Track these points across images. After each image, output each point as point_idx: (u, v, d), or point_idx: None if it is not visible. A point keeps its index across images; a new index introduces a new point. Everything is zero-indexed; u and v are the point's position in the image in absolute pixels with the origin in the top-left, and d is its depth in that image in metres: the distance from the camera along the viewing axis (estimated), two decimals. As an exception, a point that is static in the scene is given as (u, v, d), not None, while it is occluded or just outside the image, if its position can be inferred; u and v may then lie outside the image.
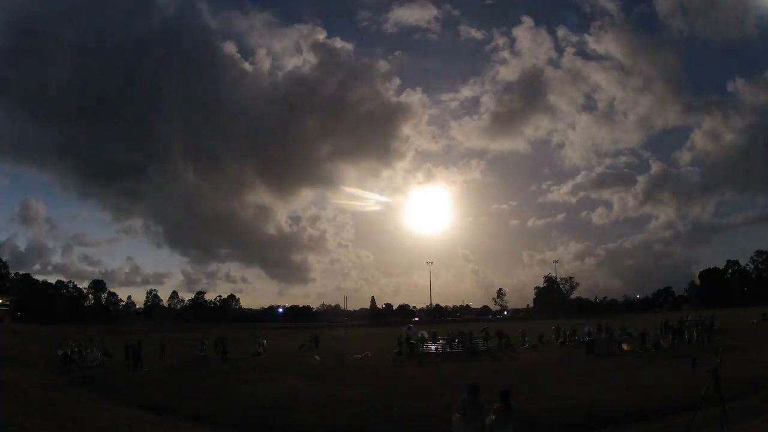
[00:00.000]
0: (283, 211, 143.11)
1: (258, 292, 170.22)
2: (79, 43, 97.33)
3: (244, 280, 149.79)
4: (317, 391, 16.10)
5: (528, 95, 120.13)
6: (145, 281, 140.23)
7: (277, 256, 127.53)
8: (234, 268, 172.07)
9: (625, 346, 25.87)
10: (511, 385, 14.24)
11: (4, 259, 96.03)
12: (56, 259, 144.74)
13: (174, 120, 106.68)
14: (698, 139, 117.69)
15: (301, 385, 17.52)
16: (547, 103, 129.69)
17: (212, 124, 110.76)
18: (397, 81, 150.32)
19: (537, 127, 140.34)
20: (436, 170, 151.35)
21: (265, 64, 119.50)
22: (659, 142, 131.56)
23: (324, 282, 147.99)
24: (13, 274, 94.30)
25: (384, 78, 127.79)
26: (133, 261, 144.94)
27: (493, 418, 7.77)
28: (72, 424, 10.89)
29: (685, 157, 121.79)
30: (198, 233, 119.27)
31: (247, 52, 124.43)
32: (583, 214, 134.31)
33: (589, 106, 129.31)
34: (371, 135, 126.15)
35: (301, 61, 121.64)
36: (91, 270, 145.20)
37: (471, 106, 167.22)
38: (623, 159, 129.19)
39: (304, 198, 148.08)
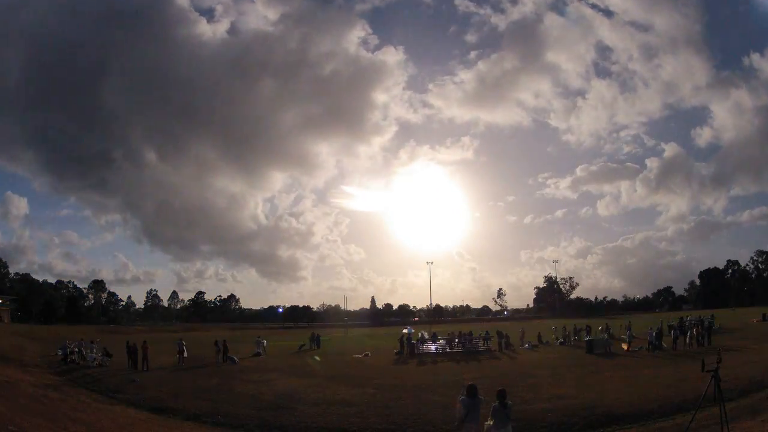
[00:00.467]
0: (257, 199, 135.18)
1: (250, 291, 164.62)
2: (29, 27, 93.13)
3: (234, 278, 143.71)
4: (317, 391, 16.09)
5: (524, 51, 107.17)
6: (135, 280, 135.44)
7: (263, 252, 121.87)
8: (221, 267, 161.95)
9: (625, 346, 25.86)
10: (511, 385, 14.30)
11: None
12: (38, 257, 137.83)
13: (132, 97, 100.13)
14: (719, 116, 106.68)
15: (301, 385, 17.51)
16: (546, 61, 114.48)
17: (172, 101, 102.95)
18: (375, 39, 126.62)
19: (536, 93, 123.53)
20: (420, 150, 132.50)
21: (224, 26, 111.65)
22: (670, 121, 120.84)
23: (316, 280, 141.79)
24: (12, 274, 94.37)
25: (355, 30, 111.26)
26: (116, 259, 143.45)
27: (491, 421, 7.77)
28: (72, 424, 10.89)
29: (704, 135, 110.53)
30: (176, 229, 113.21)
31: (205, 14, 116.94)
32: (584, 210, 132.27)
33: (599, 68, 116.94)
34: (342, 101, 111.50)
35: (262, 17, 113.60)
36: (76, 269, 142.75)
37: (457, 65, 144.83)
38: (627, 148, 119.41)
39: (277, 182, 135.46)
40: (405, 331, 34.12)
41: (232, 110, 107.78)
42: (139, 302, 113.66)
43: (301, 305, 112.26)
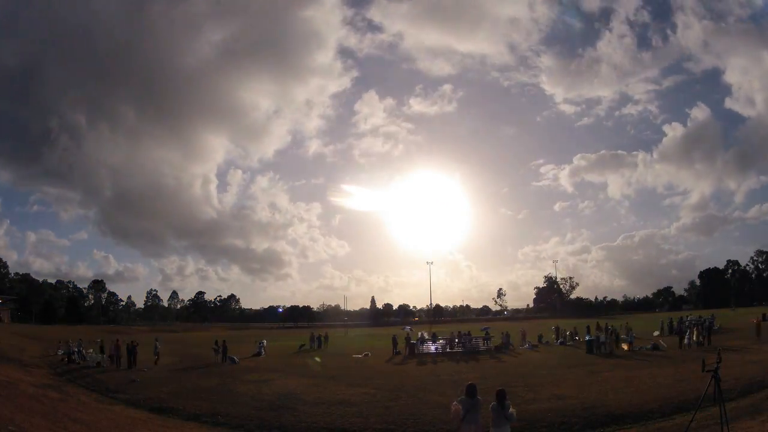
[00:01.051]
0: (209, 175, 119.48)
1: (239, 290, 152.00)
2: None
3: (217, 274, 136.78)
4: (317, 391, 16.10)
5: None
6: (119, 277, 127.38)
7: (235, 246, 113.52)
8: (202, 263, 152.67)
9: (625, 346, 25.86)
10: (511, 385, 14.30)
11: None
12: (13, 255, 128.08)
13: (44, 60, 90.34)
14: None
15: (301, 385, 17.52)
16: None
17: (85, 57, 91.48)
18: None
19: (530, 4, 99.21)
20: (383, 103, 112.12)
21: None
22: (683, 89, 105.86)
23: (303, 277, 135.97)
24: (13, 274, 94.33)
25: None
26: (93, 257, 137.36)
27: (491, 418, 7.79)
28: (72, 424, 10.89)
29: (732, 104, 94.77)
30: (138, 221, 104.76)
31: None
32: (584, 204, 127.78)
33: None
34: (261, 23, 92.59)
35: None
36: (52, 266, 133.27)
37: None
38: (633, 130, 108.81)
39: (218, 151, 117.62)
40: (406, 329, 34.20)
41: (142, 54, 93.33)
42: (139, 302, 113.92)
43: (301, 305, 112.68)
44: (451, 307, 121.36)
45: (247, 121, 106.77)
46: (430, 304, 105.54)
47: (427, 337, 33.35)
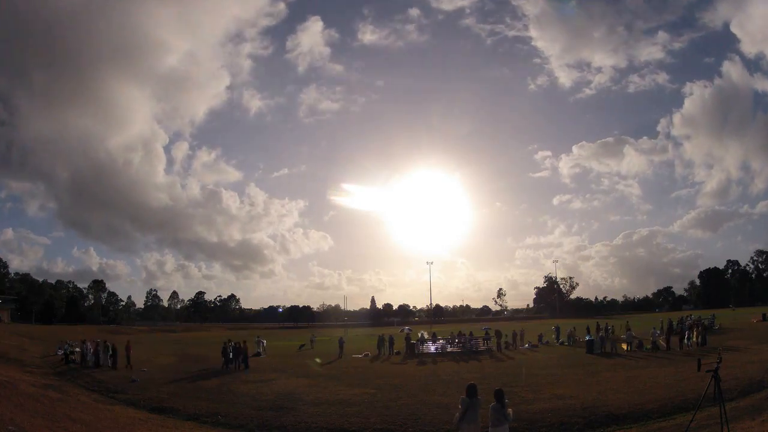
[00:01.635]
0: (154, 148, 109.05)
1: (228, 290, 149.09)
2: None
3: (200, 270, 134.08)
4: (317, 391, 16.10)
5: None
6: (101, 274, 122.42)
7: (208, 240, 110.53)
8: (182, 258, 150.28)
9: (624, 346, 25.85)
10: (511, 385, 14.30)
11: None
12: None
13: None
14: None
15: (301, 385, 17.52)
16: None
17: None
18: None
19: None
20: (327, 35, 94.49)
21: None
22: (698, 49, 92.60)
23: (288, 274, 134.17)
24: (12, 274, 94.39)
25: None
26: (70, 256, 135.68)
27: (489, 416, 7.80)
28: (72, 424, 10.88)
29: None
30: (93, 213, 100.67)
31: None
32: (584, 197, 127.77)
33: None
34: None
35: None
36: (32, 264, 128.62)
37: None
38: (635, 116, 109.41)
39: (140, 110, 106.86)
40: (406, 329, 34.22)
41: None
42: (139, 302, 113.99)
43: (301, 305, 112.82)
44: (451, 307, 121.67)
45: (163, 67, 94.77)
46: (430, 304, 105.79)
47: (427, 337, 33.35)
